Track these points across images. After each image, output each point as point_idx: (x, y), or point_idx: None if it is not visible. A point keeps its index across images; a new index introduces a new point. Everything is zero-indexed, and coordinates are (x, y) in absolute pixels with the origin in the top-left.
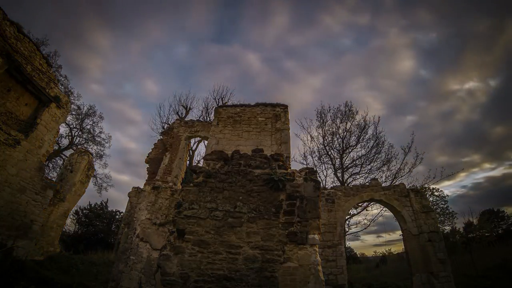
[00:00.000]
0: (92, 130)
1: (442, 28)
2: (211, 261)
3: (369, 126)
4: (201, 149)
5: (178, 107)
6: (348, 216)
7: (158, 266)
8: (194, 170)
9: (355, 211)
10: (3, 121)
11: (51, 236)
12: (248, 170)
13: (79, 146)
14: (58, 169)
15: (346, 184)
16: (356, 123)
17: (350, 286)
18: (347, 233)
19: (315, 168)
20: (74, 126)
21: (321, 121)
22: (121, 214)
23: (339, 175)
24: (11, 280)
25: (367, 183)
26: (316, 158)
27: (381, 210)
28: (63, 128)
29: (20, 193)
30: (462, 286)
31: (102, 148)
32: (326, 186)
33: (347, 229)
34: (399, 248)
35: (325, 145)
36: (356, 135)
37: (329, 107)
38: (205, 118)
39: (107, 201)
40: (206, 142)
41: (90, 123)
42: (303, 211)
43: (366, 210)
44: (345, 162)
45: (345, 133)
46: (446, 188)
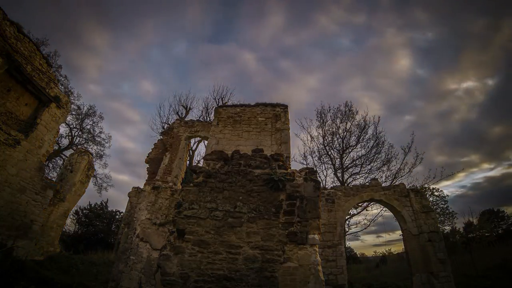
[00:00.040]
0: (92, 130)
1: (439, 28)
2: (211, 261)
3: (369, 126)
4: (201, 149)
5: (178, 107)
6: (348, 216)
7: (158, 266)
8: (194, 170)
9: (355, 211)
10: (3, 121)
11: (51, 236)
12: (248, 170)
13: (79, 146)
14: (58, 169)
15: (346, 184)
16: (356, 123)
17: (350, 286)
18: (347, 233)
19: (315, 168)
20: (74, 126)
21: (321, 121)
22: (121, 214)
23: (339, 175)
24: (11, 280)
25: (367, 183)
26: (316, 158)
27: (381, 210)
28: (63, 128)
29: (20, 193)
30: (462, 286)
31: (102, 148)
32: (326, 186)
33: (347, 229)
34: (399, 248)
35: (325, 145)
36: (356, 135)
37: (329, 107)
38: (205, 118)
39: (107, 201)
40: (206, 142)
41: (90, 123)
42: (303, 211)
43: (366, 210)
44: (345, 162)
45: (345, 133)
46: (445, 188)
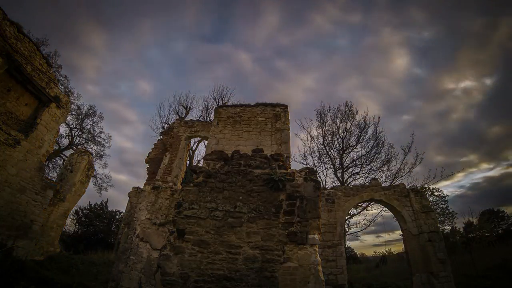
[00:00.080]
0: (92, 130)
1: (436, 27)
2: (211, 261)
3: (369, 126)
4: (201, 149)
5: (178, 107)
6: (348, 216)
7: (158, 266)
8: (194, 170)
9: (355, 211)
10: (3, 121)
11: (51, 236)
12: (248, 170)
13: (79, 146)
14: (58, 169)
15: (346, 184)
16: (356, 123)
17: (350, 286)
18: (347, 233)
19: (315, 168)
20: (74, 126)
21: (321, 121)
22: (121, 214)
23: (339, 175)
24: (11, 280)
25: (367, 183)
26: (316, 158)
27: (381, 210)
28: (63, 128)
29: (20, 193)
30: (462, 286)
31: (102, 148)
32: (326, 186)
33: (347, 229)
34: (399, 248)
35: (325, 145)
36: (356, 135)
37: (329, 107)
38: (205, 118)
39: (107, 201)
40: (206, 142)
41: (90, 123)
42: (303, 211)
43: (366, 210)
44: (345, 162)
45: (345, 133)
46: (444, 188)
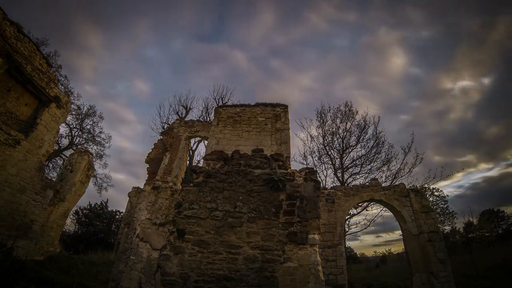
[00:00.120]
0: (92, 130)
1: (433, 26)
2: (211, 261)
3: (369, 126)
4: (201, 149)
5: (178, 107)
6: (348, 216)
7: (158, 266)
8: (194, 170)
9: (355, 211)
10: (3, 121)
11: (51, 236)
12: (248, 170)
13: (79, 146)
14: (58, 169)
15: (346, 184)
16: (356, 123)
17: (350, 286)
18: (347, 233)
19: (315, 168)
20: (74, 126)
21: (321, 121)
22: (121, 214)
23: (339, 175)
24: (11, 280)
25: (367, 183)
26: (316, 158)
27: (381, 210)
28: (63, 128)
29: (20, 193)
30: (462, 286)
31: (102, 148)
32: (326, 186)
33: (347, 229)
34: (399, 248)
35: (325, 145)
36: (356, 135)
37: (329, 107)
38: (205, 118)
39: (107, 201)
40: (206, 142)
41: (90, 123)
42: (303, 211)
43: (366, 210)
44: (345, 162)
45: (345, 133)
46: (443, 188)
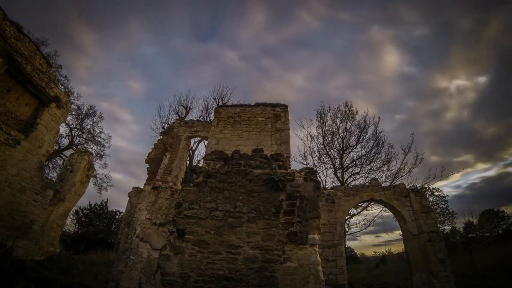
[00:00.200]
0: (92, 130)
1: (426, 24)
2: (211, 261)
3: (369, 126)
4: (201, 149)
5: (178, 107)
6: (348, 216)
7: (158, 266)
8: (194, 170)
9: (355, 211)
10: (3, 121)
11: (51, 236)
12: (248, 170)
13: (79, 146)
14: (58, 169)
15: (346, 184)
16: (356, 123)
17: (350, 286)
18: (347, 233)
19: (315, 168)
20: (74, 126)
21: (321, 121)
22: (121, 214)
23: (339, 175)
24: (11, 280)
25: (367, 183)
26: (316, 158)
27: (381, 210)
28: (63, 128)
29: (20, 193)
30: (462, 286)
31: (102, 148)
32: (326, 186)
33: (347, 229)
34: (399, 248)
35: (325, 145)
36: (356, 135)
37: (329, 107)
38: (205, 118)
39: (107, 201)
40: (206, 142)
41: (90, 123)
42: (303, 211)
43: (366, 210)
44: (345, 162)
45: (345, 133)
46: (442, 188)
